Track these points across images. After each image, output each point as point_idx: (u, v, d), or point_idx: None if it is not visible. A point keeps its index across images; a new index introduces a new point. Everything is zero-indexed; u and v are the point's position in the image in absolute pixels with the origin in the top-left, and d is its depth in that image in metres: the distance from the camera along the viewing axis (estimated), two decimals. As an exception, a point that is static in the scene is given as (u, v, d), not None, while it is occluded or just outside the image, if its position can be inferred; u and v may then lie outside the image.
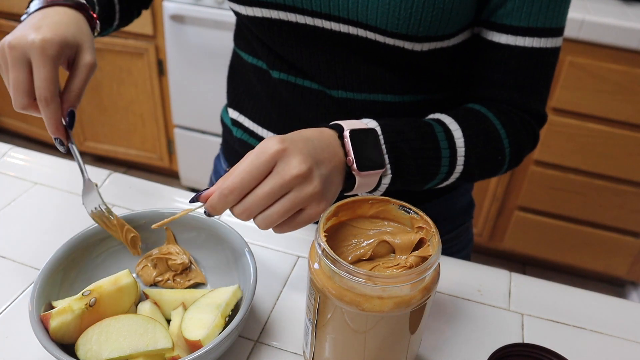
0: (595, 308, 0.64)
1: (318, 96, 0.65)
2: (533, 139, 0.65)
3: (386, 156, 0.54)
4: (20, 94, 0.54)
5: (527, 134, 0.63)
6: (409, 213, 0.50)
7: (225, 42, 1.85)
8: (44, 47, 0.52)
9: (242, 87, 0.74)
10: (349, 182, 0.52)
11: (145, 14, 1.90)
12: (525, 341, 0.59)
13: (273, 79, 0.67)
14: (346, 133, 0.52)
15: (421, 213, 0.49)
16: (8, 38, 0.53)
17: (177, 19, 1.85)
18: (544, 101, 0.64)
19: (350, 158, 0.51)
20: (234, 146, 0.77)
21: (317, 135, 0.51)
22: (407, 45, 0.58)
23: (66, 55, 0.56)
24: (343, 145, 0.52)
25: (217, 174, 0.85)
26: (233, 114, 0.77)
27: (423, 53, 0.60)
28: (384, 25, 0.56)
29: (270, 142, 0.47)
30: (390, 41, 0.58)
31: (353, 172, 0.51)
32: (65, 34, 0.55)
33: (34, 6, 0.59)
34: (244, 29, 0.69)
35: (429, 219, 0.48)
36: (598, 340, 0.60)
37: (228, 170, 0.48)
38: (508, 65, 0.61)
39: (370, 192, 0.57)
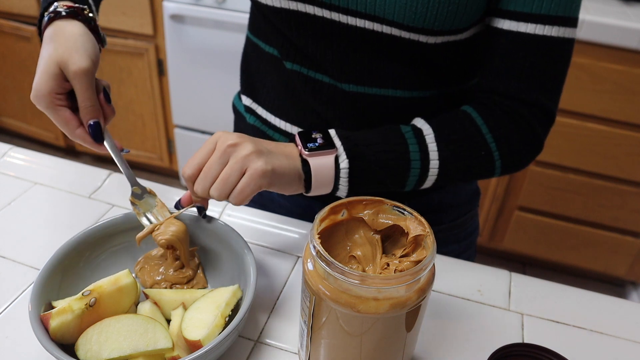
0: (595, 308, 0.64)
1: (329, 89, 0.66)
2: (531, 136, 0.62)
3: (338, 142, 0.59)
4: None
5: (518, 129, 0.61)
6: (403, 213, 0.50)
7: (225, 42, 1.85)
8: (38, 103, 0.58)
9: (256, 75, 0.74)
10: (305, 169, 0.57)
11: (145, 14, 1.90)
12: (525, 341, 0.59)
13: (286, 70, 0.67)
14: (297, 134, 0.59)
15: (415, 213, 0.49)
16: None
17: (177, 19, 1.85)
18: (550, 95, 0.62)
19: (299, 147, 0.58)
20: (247, 132, 0.77)
21: (264, 139, 0.58)
22: (422, 38, 0.59)
23: (61, 85, 0.58)
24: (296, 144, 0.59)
25: None
26: (246, 100, 0.77)
27: (436, 46, 0.61)
28: (401, 19, 0.57)
29: (215, 134, 0.56)
30: (405, 35, 0.59)
31: (304, 156, 0.57)
32: (49, 68, 0.57)
33: (44, 23, 0.60)
34: (260, 17, 0.69)
35: (423, 219, 0.48)
36: (598, 340, 0.60)
37: None
38: (509, 52, 0.60)
39: (335, 186, 0.59)
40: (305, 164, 0.57)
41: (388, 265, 0.49)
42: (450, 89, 0.68)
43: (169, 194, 0.78)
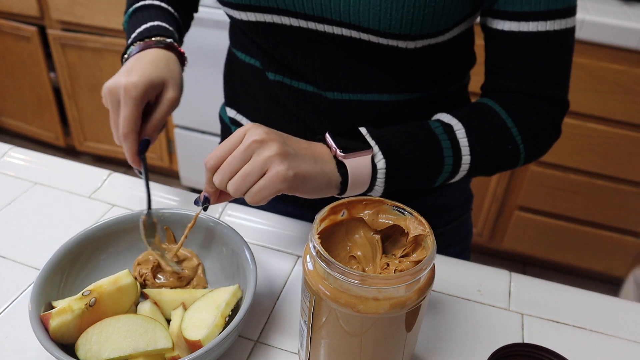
0: (595, 308, 0.64)
1: (313, 98, 0.65)
2: (550, 125, 0.63)
3: (373, 142, 0.57)
4: (115, 132, 0.63)
5: (539, 120, 0.62)
6: (403, 213, 0.50)
7: (224, 42, 1.84)
8: (129, 89, 0.60)
9: (239, 87, 0.74)
10: (341, 171, 0.55)
11: (145, 14, 1.89)
12: (525, 341, 0.59)
13: (269, 80, 0.67)
14: (327, 134, 0.57)
15: (415, 213, 0.49)
16: (107, 83, 0.62)
17: (177, 19, 1.84)
18: (561, 86, 0.63)
19: (333, 148, 0.55)
20: None
21: (295, 137, 0.56)
22: (401, 44, 0.58)
23: (153, 94, 0.63)
24: (328, 145, 0.56)
25: None
26: (231, 112, 0.77)
27: (417, 50, 0.60)
28: (377, 26, 0.56)
29: (246, 125, 0.54)
30: (383, 41, 0.58)
31: (340, 158, 0.55)
32: (151, 75, 0.62)
33: (133, 50, 0.66)
34: (238, 31, 0.69)
35: (423, 219, 0.48)
36: (598, 340, 0.60)
37: None
38: (515, 53, 0.60)
39: (370, 187, 0.57)
40: (341, 166, 0.55)
41: (388, 265, 0.49)
42: (436, 90, 0.68)
43: (169, 194, 0.78)
